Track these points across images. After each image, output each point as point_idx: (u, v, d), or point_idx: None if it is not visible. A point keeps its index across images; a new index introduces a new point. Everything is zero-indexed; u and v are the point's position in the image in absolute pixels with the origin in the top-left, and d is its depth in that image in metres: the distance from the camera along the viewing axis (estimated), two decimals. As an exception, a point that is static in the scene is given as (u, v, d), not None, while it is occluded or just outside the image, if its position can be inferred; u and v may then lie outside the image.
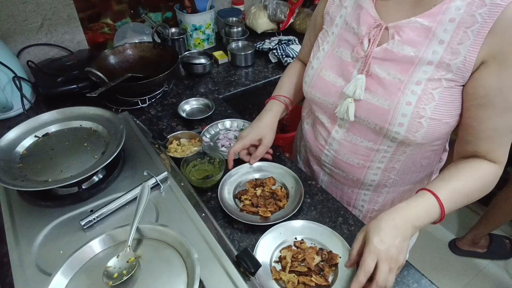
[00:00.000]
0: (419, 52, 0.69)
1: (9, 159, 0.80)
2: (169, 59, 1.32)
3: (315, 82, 0.85)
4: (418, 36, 0.69)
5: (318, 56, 0.85)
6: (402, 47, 0.71)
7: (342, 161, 0.86)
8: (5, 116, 1.21)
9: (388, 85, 0.72)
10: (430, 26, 0.67)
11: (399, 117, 0.72)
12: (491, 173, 0.74)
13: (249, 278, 0.63)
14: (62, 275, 0.56)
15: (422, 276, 0.75)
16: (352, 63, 0.78)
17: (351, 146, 0.83)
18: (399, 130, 0.73)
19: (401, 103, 0.71)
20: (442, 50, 0.67)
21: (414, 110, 0.70)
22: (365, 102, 0.76)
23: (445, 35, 0.66)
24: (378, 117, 0.75)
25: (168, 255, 0.59)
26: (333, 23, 0.84)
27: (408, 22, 0.70)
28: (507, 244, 1.98)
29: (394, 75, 0.72)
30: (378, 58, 0.74)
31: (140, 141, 0.93)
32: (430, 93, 0.69)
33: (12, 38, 1.35)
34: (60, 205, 0.77)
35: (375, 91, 0.74)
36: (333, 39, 0.83)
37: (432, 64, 0.68)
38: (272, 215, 0.85)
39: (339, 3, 0.83)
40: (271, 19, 1.74)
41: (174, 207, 0.75)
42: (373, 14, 0.75)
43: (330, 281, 0.72)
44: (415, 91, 0.70)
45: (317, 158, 0.94)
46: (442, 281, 1.86)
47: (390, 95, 0.72)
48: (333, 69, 0.81)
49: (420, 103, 0.69)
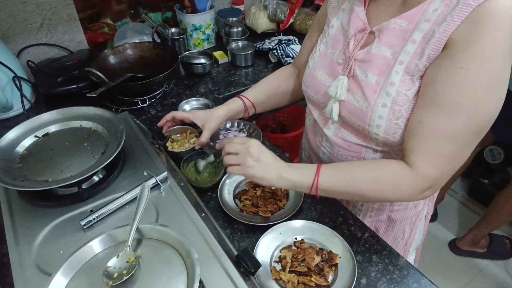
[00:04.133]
0: (395, 53, 0.69)
1: (9, 159, 0.80)
2: (169, 59, 1.32)
3: (309, 81, 0.86)
4: (396, 37, 0.69)
5: (314, 56, 0.87)
6: (381, 49, 0.71)
7: (336, 158, 0.87)
8: (5, 116, 1.21)
9: (366, 87, 0.73)
10: (407, 28, 0.67)
11: (376, 119, 0.72)
12: (391, 173, 0.69)
13: (249, 278, 0.63)
14: (62, 275, 0.56)
15: (422, 276, 0.75)
16: (339, 64, 0.79)
17: (343, 143, 0.83)
18: (377, 132, 0.73)
19: (377, 105, 0.71)
20: (413, 50, 0.67)
21: (389, 112, 0.70)
22: (347, 103, 0.77)
23: (418, 34, 0.66)
24: (359, 118, 0.75)
25: (168, 255, 0.59)
26: (329, 24, 0.85)
27: (388, 23, 0.70)
28: (507, 244, 1.98)
29: (371, 77, 0.72)
30: (359, 60, 0.75)
31: (140, 141, 0.93)
32: (404, 94, 0.68)
33: (12, 38, 1.35)
34: (60, 205, 0.77)
35: (356, 92, 0.75)
36: (328, 40, 0.84)
37: (403, 64, 0.68)
38: (272, 215, 0.85)
39: (336, 5, 0.84)
40: (271, 19, 1.74)
41: (174, 207, 0.75)
42: (362, 17, 0.75)
43: (330, 281, 0.72)
44: (390, 92, 0.69)
45: (317, 155, 0.95)
46: (442, 281, 1.86)
47: (367, 97, 0.72)
48: (325, 69, 0.83)
49: (395, 105, 0.69)
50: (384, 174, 0.70)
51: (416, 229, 0.97)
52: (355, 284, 0.71)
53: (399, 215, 0.92)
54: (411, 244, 0.99)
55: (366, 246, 0.80)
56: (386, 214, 0.93)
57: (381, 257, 0.78)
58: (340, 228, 0.84)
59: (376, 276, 0.75)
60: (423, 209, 0.95)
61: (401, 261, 0.77)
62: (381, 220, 0.94)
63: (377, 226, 0.95)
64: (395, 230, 0.95)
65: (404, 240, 0.98)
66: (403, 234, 0.96)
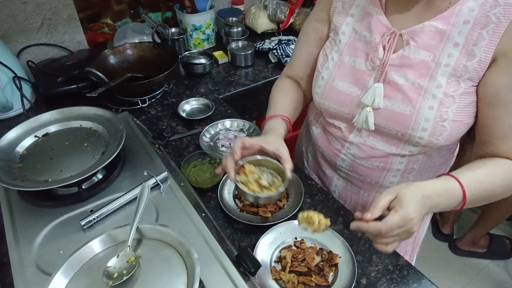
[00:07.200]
0: (435, 56, 0.69)
1: (9, 159, 0.80)
2: (169, 59, 1.32)
3: (327, 93, 0.83)
4: (433, 40, 0.69)
5: (328, 66, 0.83)
6: (418, 52, 0.71)
7: (360, 164, 0.85)
8: (5, 116, 1.21)
9: (408, 91, 0.72)
10: (444, 29, 0.67)
11: (422, 122, 0.71)
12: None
13: (249, 278, 0.63)
14: (62, 275, 0.56)
15: (422, 276, 0.75)
16: (367, 71, 0.77)
17: (370, 150, 0.81)
18: (422, 135, 0.72)
19: (423, 108, 0.71)
20: (457, 52, 0.67)
21: (436, 114, 0.70)
22: (384, 110, 0.75)
23: (459, 37, 0.67)
24: (400, 124, 0.74)
25: (168, 255, 0.59)
26: (338, 31, 0.82)
27: (422, 26, 0.70)
28: (507, 244, 1.98)
29: (413, 80, 0.72)
30: (395, 65, 0.73)
31: (140, 141, 0.93)
32: (451, 95, 0.69)
33: (12, 38, 1.35)
34: (60, 205, 0.77)
35: (394, 98, 0.74)
36: (342, 48, 0.81)
37: (449, 67, 0.68)
38: (272, 215, 0.85)
39: (342, 10, 0.81)
40: (271, 19, 1.74)
41: (174, 207, 0.75)
42: (384, 22, 0.74)
43: (330, 281, 0.72)
44: (436, 95, 0.69)
45: (332, 163, 0.92)
46: (442, 281, 1.86)
47: (411, 100, 0.72)
48: (346, 78, 0.80)
49: (442, 107, 0.69)
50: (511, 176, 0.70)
51: (424, 225, 0.97)
52: (355, 284, 0.71)
53: None
54: (420, 239, 0.99)
55: (366, 246, 0.80)
56: None
57: (381, 257, 0.78)
58: (340, 228, 0.84)
59: (376, 276, 0.75)
60: None
61: (401, 261, 0.77)
62: None
63: None
64: None
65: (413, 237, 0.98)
66: None
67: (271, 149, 0.77)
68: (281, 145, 0.78)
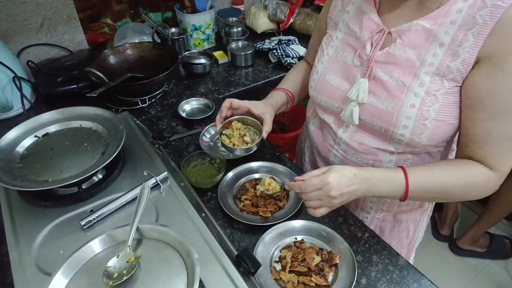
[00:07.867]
0: (421, 54, 0.69)
1: (9, 159, 0.80)
2: (169, 59, 1.32)
3: (320, 86, 0.85)
4: (419, 39, 0.69)
5: (323, 60, 0.85)
6: (404, 50, 0.71)
7: (351, 161, 0.86)
8: (5, 116, 1.21)
9: (391, 88, 0.72)
10: (431, 28, 0.68)
11: (403, 120, 0.71)
12: (481, 177, 0.71)
13: (249, 278, 0.63)
14: (62, 275, 0.56)
15: (422, 276, 0.75)
16: (356, 67, 0.78)
17: (359, 146, 0.82)
18: (404, 133, 0.73)
19: (405, 105, 0.71)
20: (442, 52, 0.67)
21: (418, 112, 0.70)
22: (369, 105, 0.76)
23: (445, 37, 0.67)
24: (383, 120, 0.74)
25: (168, 255, 0.59)
26: (336, 27, 0.84)
27: (410, 25, 0.70)
28: (507, 244, 1.98)
29: (396, 78, 0.72)
30: (380, 62, 0.74)
31: (140, 141, 0.93)
32: (433, 94, 0.69)
33: (12, 38, 1.35)
34: (60, 205, 0.77)
35: (379, 94, 0.74)
36: (337, 44, 0.83)
37: (433, 66, 0.69)
38: (272, 215, 0.85)
39: (341, 8, 0.83)
40: (271, 19, 1.74)
41: (174, 207, 0.75)
42: (375, 19, 0.75)
43: (330, 281, 0.72)
44: (418, 93, 0.70)
45: (325, 159, 0.93)
46: (442, 281, 1.86)
47: (394, 98, 0.72)
48: (337, 73, 0.81)
49: (424, 105, 0.69)
50: (473, 179, 0.71)
51: (420, 227, 0.97)
52: (355, 284, 0.71)
53: (405, 215, 0.92)
54: (415, 243, 0.99)
55: (366, 246, 0.80)
56: (392, 214, 0.93)
57: (381, 257, 0.78)
58: (340, 228, 0.84)
59: (376, 276, 0.75)
60: (427, 208, 0.95)
61: (401, 261, 0.77)
62: (386, 220, 0.94)
63: (382, 226, 0.95)
64: (400, 229, 0.95)
65: (408, 239, 0.98)
66: (407, 233, 0.96)
67: (257, 112, 0.89)
68: (267, 111, 0.90)
